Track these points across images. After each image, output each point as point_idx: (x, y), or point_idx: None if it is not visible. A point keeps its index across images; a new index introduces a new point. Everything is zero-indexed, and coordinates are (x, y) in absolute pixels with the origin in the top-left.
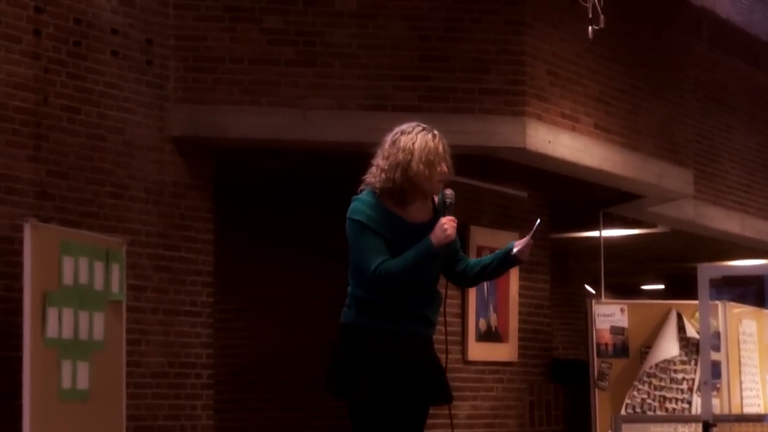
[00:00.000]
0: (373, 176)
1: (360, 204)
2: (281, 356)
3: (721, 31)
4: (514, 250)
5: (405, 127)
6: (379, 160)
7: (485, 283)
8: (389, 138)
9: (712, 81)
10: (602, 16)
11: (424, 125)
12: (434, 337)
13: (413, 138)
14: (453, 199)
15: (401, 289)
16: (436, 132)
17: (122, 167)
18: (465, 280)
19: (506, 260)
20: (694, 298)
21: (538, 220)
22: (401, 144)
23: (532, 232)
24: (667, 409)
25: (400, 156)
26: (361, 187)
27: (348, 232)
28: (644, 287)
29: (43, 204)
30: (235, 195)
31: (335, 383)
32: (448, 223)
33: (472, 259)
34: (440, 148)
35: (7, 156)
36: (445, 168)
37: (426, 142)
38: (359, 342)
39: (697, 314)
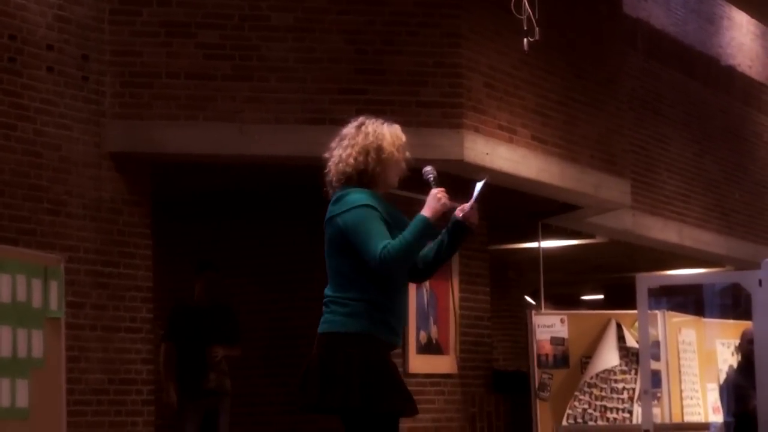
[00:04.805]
0: (344, 164)
1: (359, 194)
2: None
3: (657, 41)
4: (459, 215)
5: (362, 118)
6: (344, 150)
7: (425, 296)
8: (351, 128)
9: (648, 91)
10: (537, 29)
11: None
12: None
13: (381, 125)
14: (435, 173)
15: (394, 284)
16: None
17: (59, 184)
18: (427, 269)
19: (456, 231)
20: (634, 307)
21: (483, 180)
22: (370, 129)
23: (475, 193)
24: (608, 419)
25: (371, 139)
26: (337, 186)
27: (352, 221)
28: (584, 297)
29: None
30: (173, 210)
31: (360, 395)
32: (440, 193)
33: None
34: (404, 140)
35: None
36: (404, 164)
37: (396, 129)
38: (375, 351)
39: (636, 324)
